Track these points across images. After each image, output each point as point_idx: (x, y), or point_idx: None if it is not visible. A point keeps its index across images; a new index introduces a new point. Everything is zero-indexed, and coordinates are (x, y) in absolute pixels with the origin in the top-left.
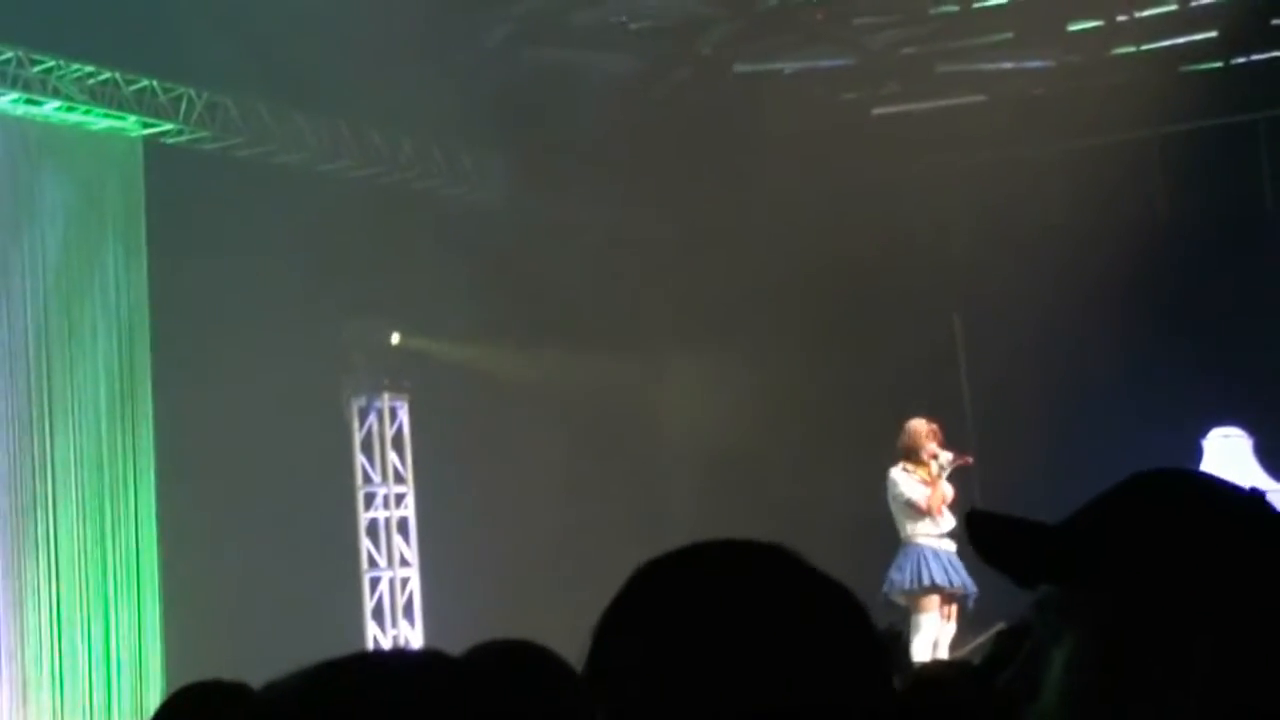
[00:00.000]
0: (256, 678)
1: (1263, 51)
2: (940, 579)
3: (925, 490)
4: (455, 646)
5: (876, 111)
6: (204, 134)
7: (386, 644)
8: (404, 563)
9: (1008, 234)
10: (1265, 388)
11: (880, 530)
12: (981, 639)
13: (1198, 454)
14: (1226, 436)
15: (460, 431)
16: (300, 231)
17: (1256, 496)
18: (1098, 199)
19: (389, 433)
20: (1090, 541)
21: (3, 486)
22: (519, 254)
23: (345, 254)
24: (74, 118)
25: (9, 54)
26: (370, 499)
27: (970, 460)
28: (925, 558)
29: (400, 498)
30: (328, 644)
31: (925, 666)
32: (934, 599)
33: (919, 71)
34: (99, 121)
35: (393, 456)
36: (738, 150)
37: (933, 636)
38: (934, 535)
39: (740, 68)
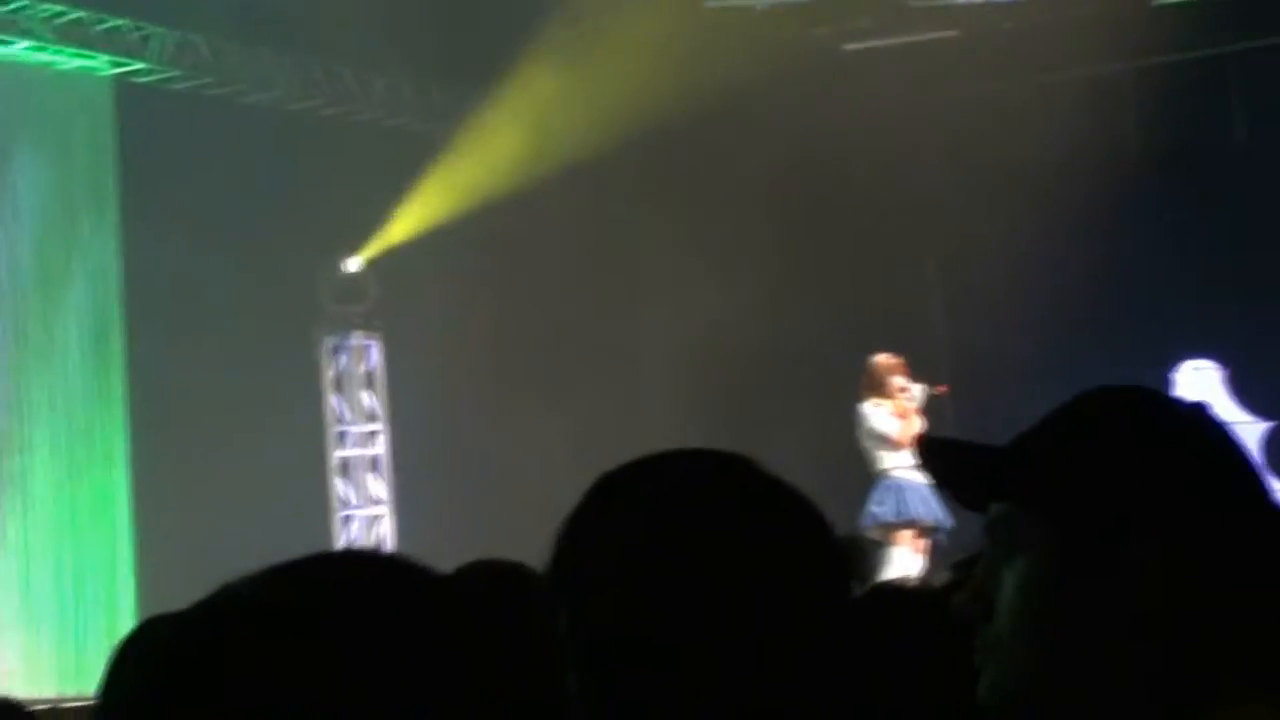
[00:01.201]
0: None
1: None
2: (917, 511)
3: (897, 423)
4: None
5: (848, 47)
6: (174, 73)
7: None
8: (376, 500)
9: (981, 169)
10: (1236, 321)
11: (850, 466)
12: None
13: (1169, 387)
14: (1198, 369)
15: (434, 369)
16: (272, 171)
17: (1198, 409)
18: (1070, 134)
19: (361, 371)
20: (1036, 461)
21: None
22: (494, 191)
23: (317, 193)
24: (43, 57)
25: None
26: (342, 437)
27: (945, 389)
28: (903, 490)
29: (372, 435)
30: None
31: (884, 583)
32: (908, 533)
33: (890, 7)
34: (69, 61)
35: (365, 395)
36: (708, 87)
37: (904, 569)
38: (907, 468)
39: (711, 3)
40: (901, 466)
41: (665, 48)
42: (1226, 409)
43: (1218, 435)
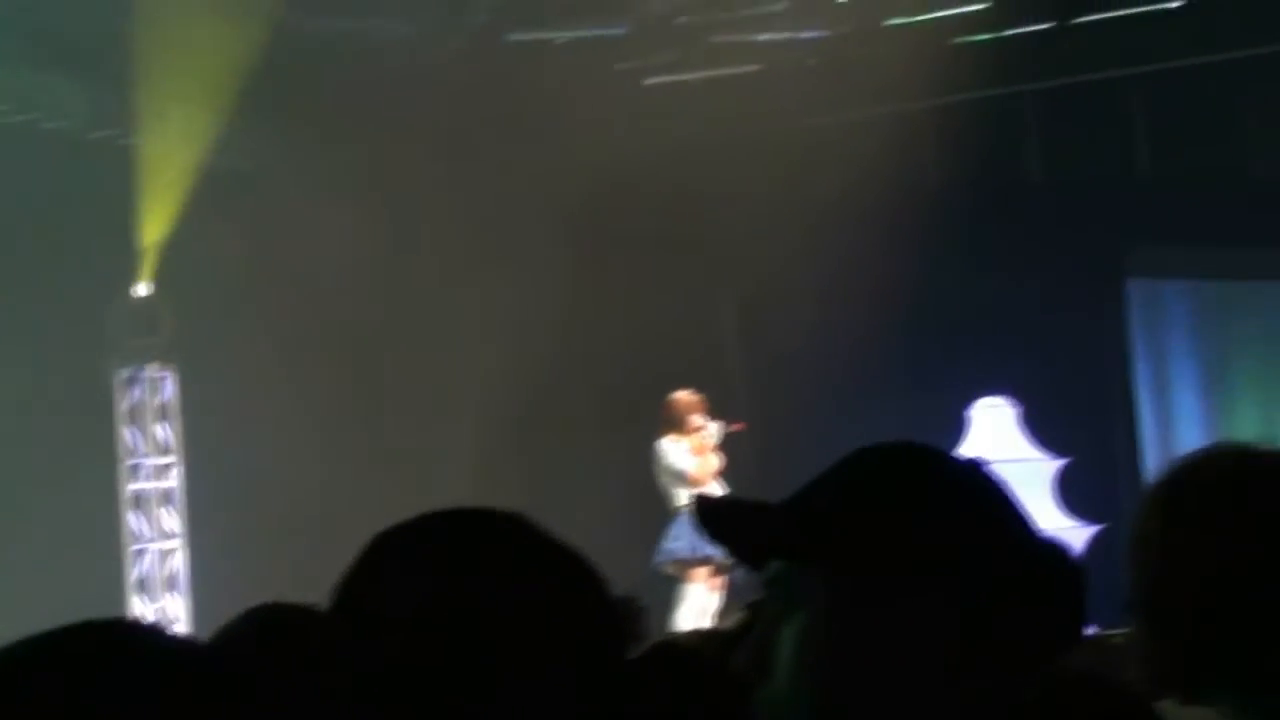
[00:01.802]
0: None
1: (1033, 24)
2: (713, 548)
3: (694, 461)
4: (222, 618)
5: (649, 81)
6: None
7: (151, 616)
8: (169, 535)
9: (782, 205)
10: (1029, 358)
11: (648, 502)
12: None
13: (965, 424)
14: (992, 407)
15: (229, 401)
16: (68, 201)
17: (973, 465)
18: (871, 171)
19: (155, 403)
20: (814, 519)
21: None
22: (287, 219)
23: (113, 224)
24: None
25: None
26: (136, 470)
27: (744, 426)
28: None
29: (166, 469)
30: (90, 613)
31: (676, 636)
32: (703, 570)
33: (693, 41)
34: None
35: (159, 428)
36: (510, 121)
37: (699, 606)
38: None
39: (512, 37)
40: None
41: (469, 82)
42: (1020, 445)
43: (993, 490)
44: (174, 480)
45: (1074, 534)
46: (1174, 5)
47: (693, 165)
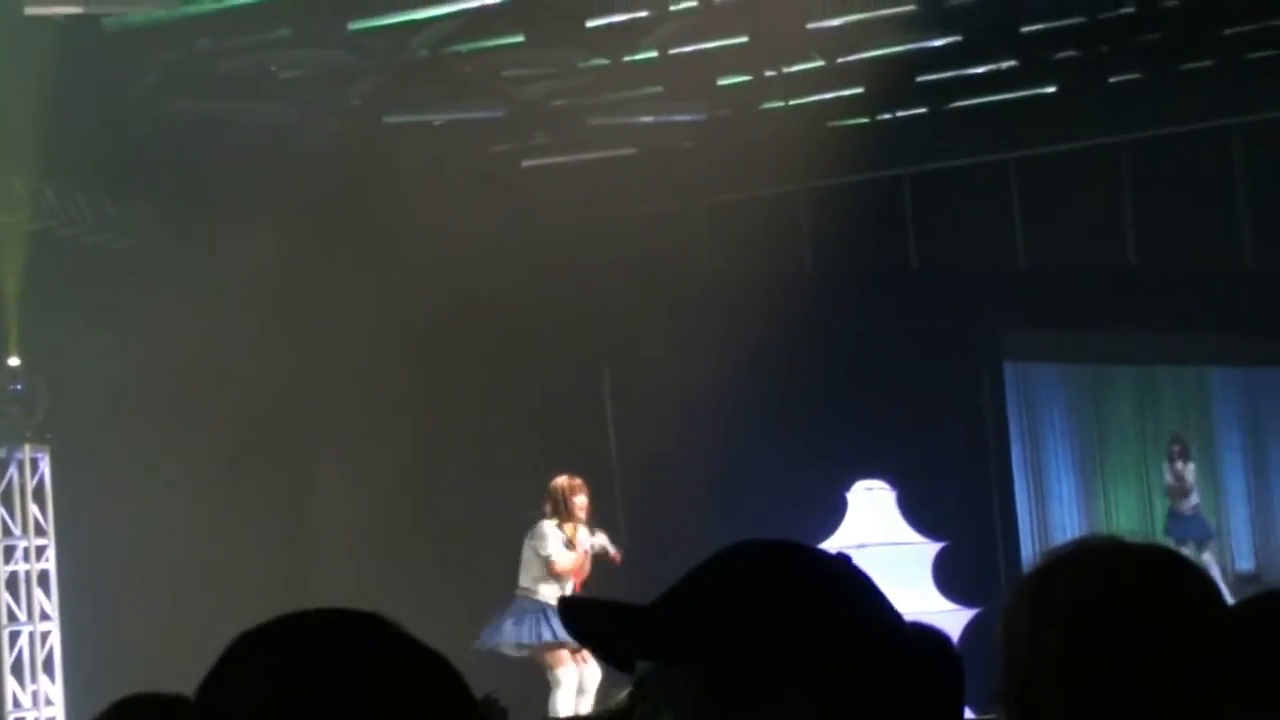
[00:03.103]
0: None
1: (908, 108)
2: (566, 634)
3: (570, 557)
4: (97, 701)
5: (526, 163)
6: None
7: (26, 699)
8: (45, 616)
9: (658, 287)
10: (907, 441)
11: None
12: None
13: (843, 506)
14: (870, 489)
15: (105, 483)
16: None
17: (842, 561)
18: (747, 253)
19: (30, 484)
20: (679, 619)
21: None
22: (164, 303)
23: None
24: None
25: None
26: (10, 552)
27: (619, 559)
28: (548, 614)
29: (41, 550)
30: None
31: None
32: (563, 651)
33: (569, 123)
34: None
35: (34, 508)
36: (386, 202)
37: (574, 684)
38: (551, 592)
39: (390, 118)
40: (552, 594)
41: (346, 164)
42: (897, 527)
43: (862, 588)
44: (49, 562)
45: (952, 617)
46: (1048, 91)
47: (569, 246)
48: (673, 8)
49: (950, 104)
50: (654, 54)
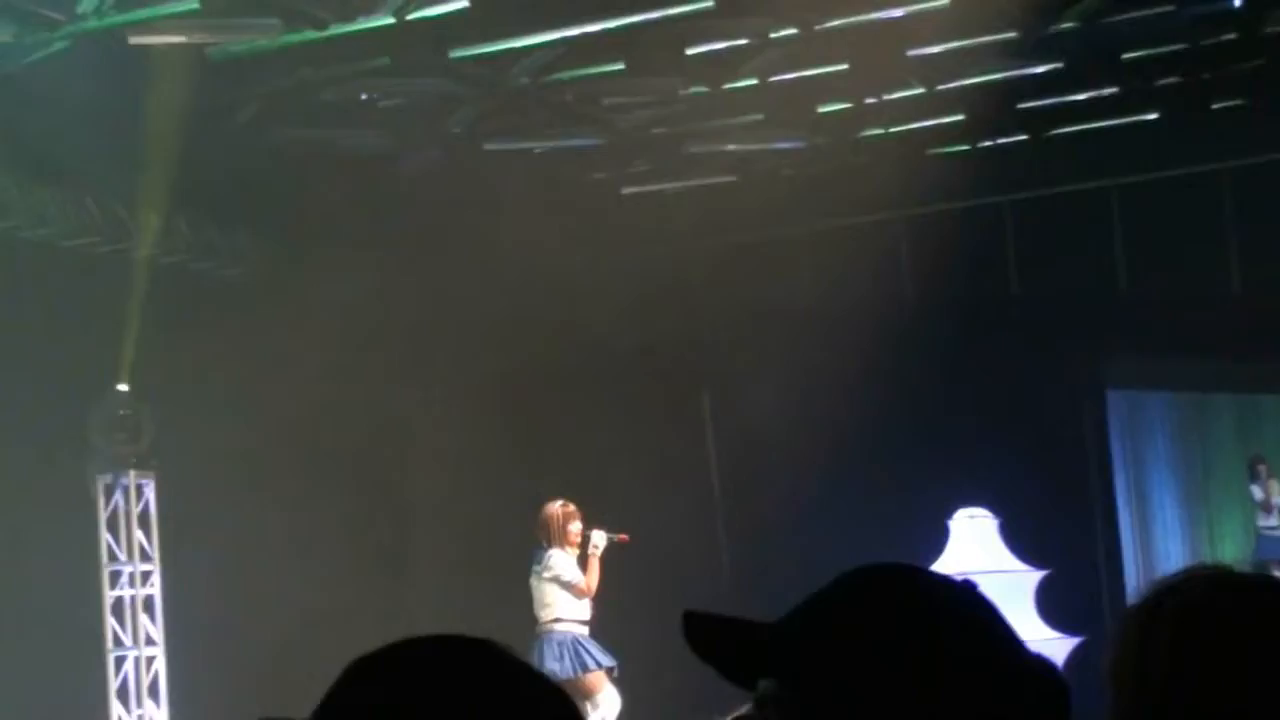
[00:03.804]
0: None
1: (1009, 135)
2: (605, 660)
3: (593, 575)
4: None
5: (626, 191)
6: None
7: None
8: (150, 641)
9: (758, 314)
10: (1009, 469)
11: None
12: None
13: (945, 534)
14: (973, 517)
15: (210, 509)
16: (47, 308)
17: (965, 587)
18: (846, 280)
19: (135, 510)
20: (799, 639)
21: None
22: (267, 330)
23: (93, 330)
24: None
25: None
26: (116, 577)
27: (626, 538)
28: (580, 644)
29: (146, 576)
30: None
31: None
32: (600, 675)
33: (669, 151)
34: None
35: (139, 534)
36: (485, 229)
37: (618, 705)
38: (579, 621)
39: (490, 146)
40: (576, 618)
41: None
42: (1000, 555)
43: (988, 615)
44: (154, 587)
45: (1055, 646)
46: (1150, 117)
47: (669, 273)
48: (773, 35)
49: (1051, 131)
50: (754, 81)
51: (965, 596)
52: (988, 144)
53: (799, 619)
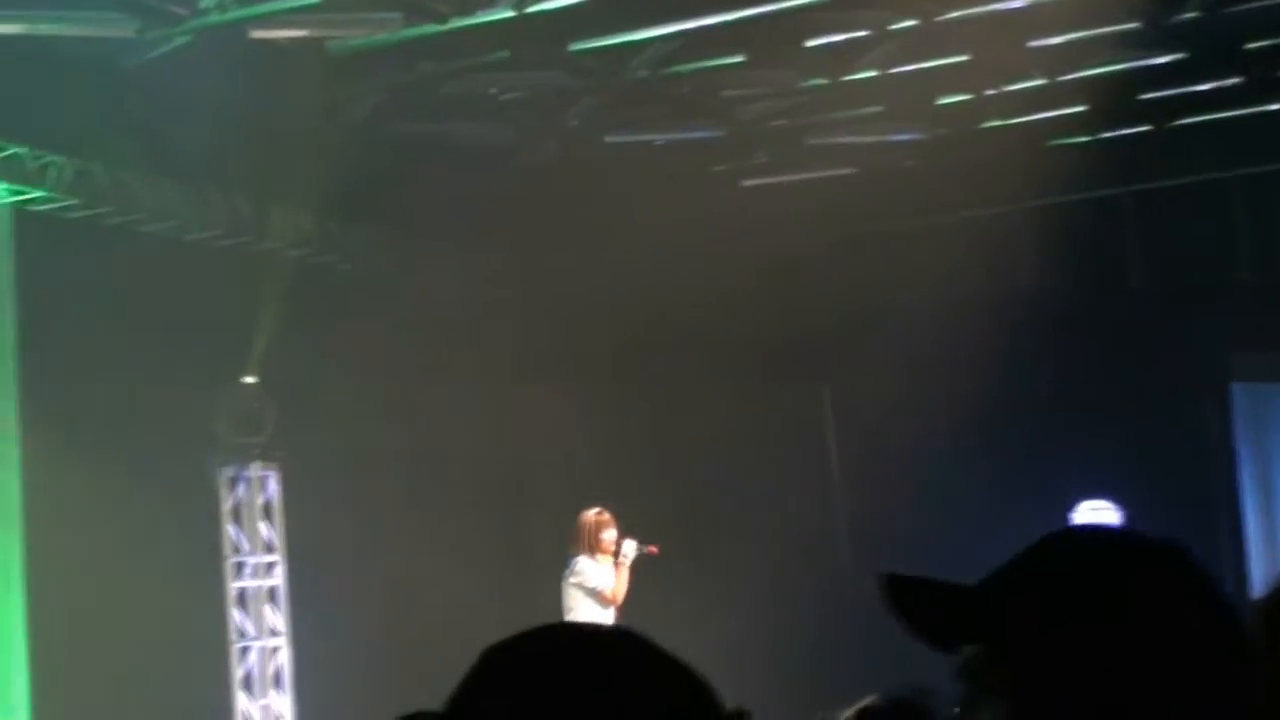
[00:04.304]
0: None
1: (1130, 126)
2: None
3: (612, 580)
4: (326, 715)
5: (746, 183)
6: (72, 201)
7: (256, 714)
8: (274, 632)
9: (878, 306)
10: (1132, 462)
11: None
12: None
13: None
14: (1095, 510)
15: (332, 500)
16: (170, 300)
17: (1174, 548)
18: (966, 272)
19: (259, 502)
20: (1004, 602)
21: None
22: (387, 323)
23: (216, 322)
24: None
25: None
26: (239, 568)
27: (655, 550)
28: None
29: (270, 567)
30: (196, 711)
31: None
32: None
33: (789, 143)
34: None
35: (262, 526)
36: (607, 222)
37: None
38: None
39: (610, 139)
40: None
41: (565, 185)
42: None
43: (1195, 575)
44: (278, 578)
45: None
46: (1273, 108)
47: (789, 265)
48: (892, 27)
49: (1173, 122)
50: (873, 73)
51: (1180, 559)
52: (1109, 135)
53: (1004, 582)
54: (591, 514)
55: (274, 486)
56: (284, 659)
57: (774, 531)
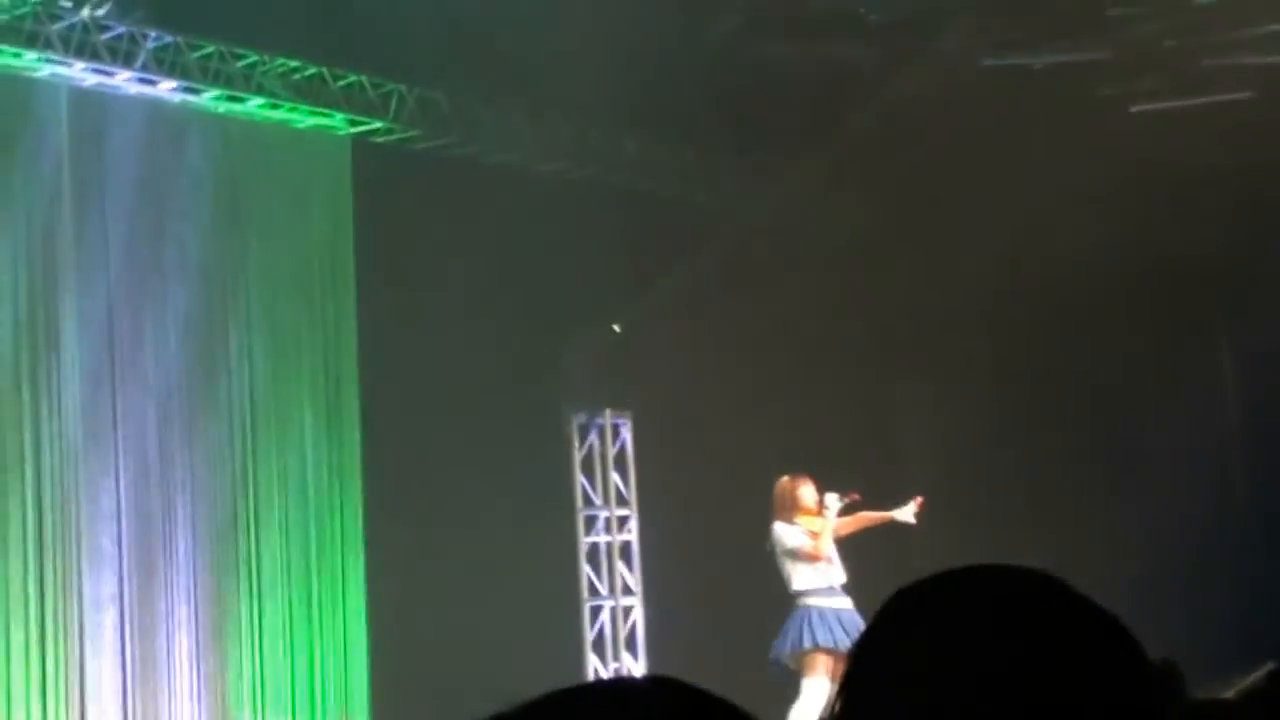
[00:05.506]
0: (467, 710)
1: None
2: (824, 639)
3: (809, 539)
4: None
5: (1135, 109)
6: (415, 133)
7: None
8: (627, 591)
9: (1276, 239)
10: None
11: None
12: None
13: None
14: None
15: (687, 451)
16: (516, 237)
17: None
18: None
19: (611, 452)
20: None
21: (205, 507)
22: (750, 259)
23: (564, 260)
24: (278, 115)
25: (209, 48)
26: (591, 522)
27: (857, 496)
28: (810, 620)
29: (623, 521)
30: (544, 675)
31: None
32: (819, 659)
33: (1182, 65)
34: (304, 119)
35: (615, 477)
36: (981, 151)
37: (816, 698)
38: (822, 589)
39: (988, 62)
40: (816, 586)
41: (937, 112)
42: None
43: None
44: (631, 533)
45: None
46: None
47: (1181, 196)
48: None
49: None
50: None
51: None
52: None
53: None
54: (786, 479)
55: (628, 435)
56: (637, 619)
57: (1163, 469)
